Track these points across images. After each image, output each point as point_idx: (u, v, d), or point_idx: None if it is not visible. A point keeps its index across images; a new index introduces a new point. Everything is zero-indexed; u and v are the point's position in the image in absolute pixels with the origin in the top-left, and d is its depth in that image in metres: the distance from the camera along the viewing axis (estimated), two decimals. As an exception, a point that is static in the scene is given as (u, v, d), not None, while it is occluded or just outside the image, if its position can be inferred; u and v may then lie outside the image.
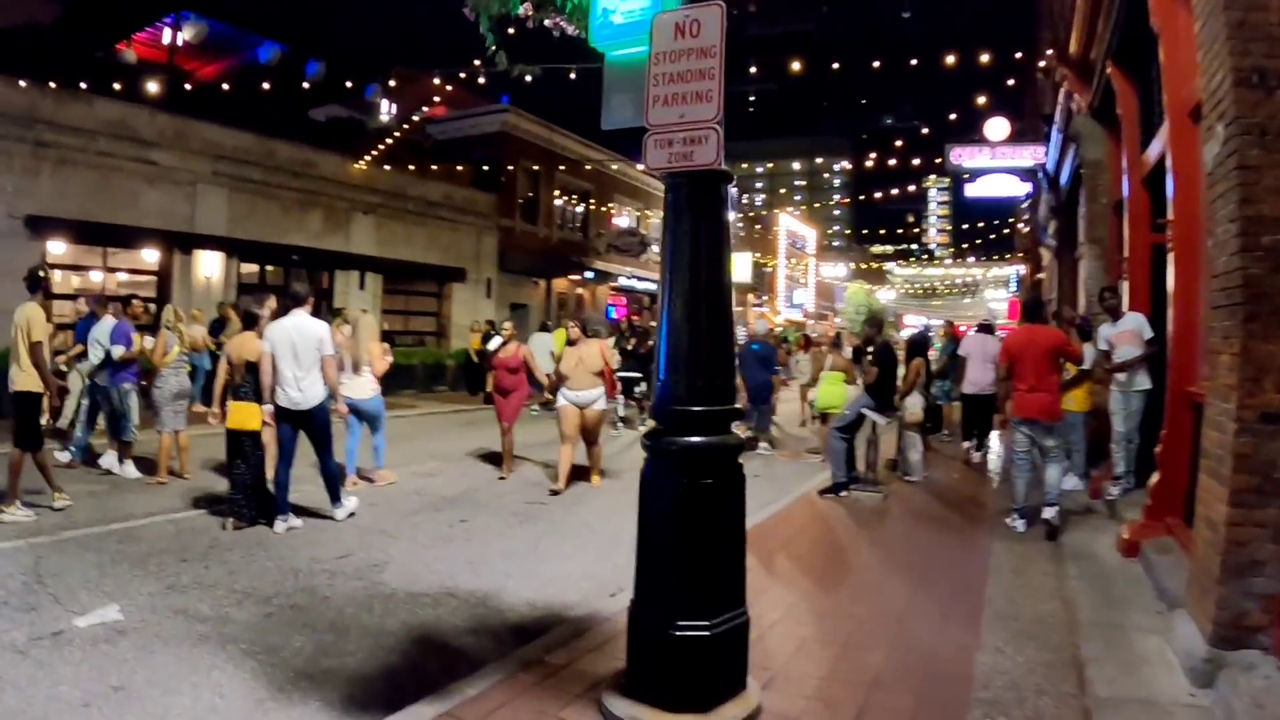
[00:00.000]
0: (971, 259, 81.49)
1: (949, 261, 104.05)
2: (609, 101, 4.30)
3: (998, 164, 21.24)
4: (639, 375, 15.12)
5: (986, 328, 13.88)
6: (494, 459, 11.71)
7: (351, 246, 23.93)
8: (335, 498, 8.23)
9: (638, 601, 3.93)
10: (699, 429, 3.78)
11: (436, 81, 26.36)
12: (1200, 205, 6.63)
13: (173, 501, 8.68)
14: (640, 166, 25.11)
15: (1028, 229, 34.83)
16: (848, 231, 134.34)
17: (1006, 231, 42.40)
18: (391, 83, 29.84)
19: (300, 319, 8.01)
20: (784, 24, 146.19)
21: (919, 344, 11.89)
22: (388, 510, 8.68)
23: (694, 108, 3.83)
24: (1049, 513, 8.20)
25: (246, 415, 7.92)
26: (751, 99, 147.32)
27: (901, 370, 10.96)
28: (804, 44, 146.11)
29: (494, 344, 10.14)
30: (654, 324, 14.17)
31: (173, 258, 19.52)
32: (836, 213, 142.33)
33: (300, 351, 7.83)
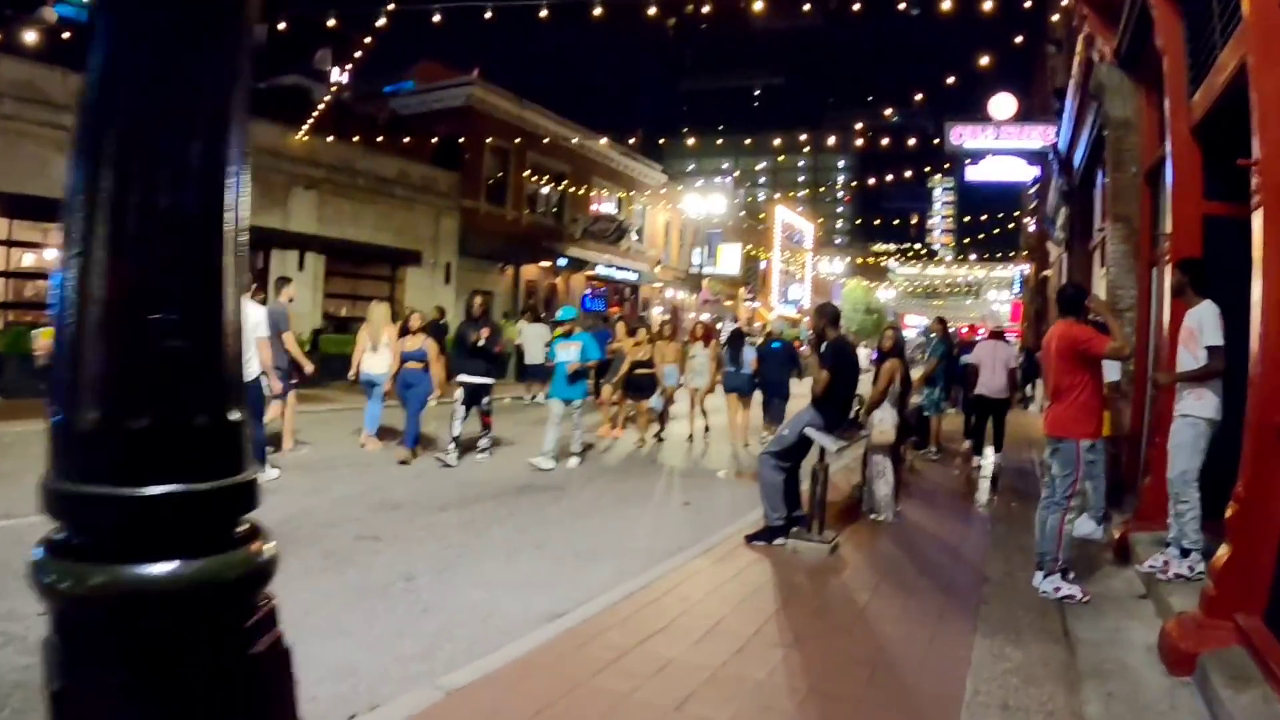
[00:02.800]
0: (973, 256, 79.45)
1: (949, 259, 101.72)
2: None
3: (1003, 145, 18.98)
4: (489, 381, 11.00)
5: (998, 334, 13.60)
6: (378, 464, 10.39)
7: (290, 224, 21.82)
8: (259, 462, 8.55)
9: None
10: (122, 543, 1.40)
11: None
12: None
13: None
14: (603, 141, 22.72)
15: (1034, 223, 32.67)
16: (840, 223, 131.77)
17: (1012, 226, 40.08)
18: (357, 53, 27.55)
19: (241, 304, 7.61)
20: (790, 19, 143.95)
21: (897, 342, 9.51)
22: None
23: None
24: (1039, 579, 5.95)
25: None
26: (756, 93, 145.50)
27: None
28: (810, 39, 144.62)
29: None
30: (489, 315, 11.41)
31: None
32: (839, 210, 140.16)
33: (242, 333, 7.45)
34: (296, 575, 5.93)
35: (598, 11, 15.85)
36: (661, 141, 41.54)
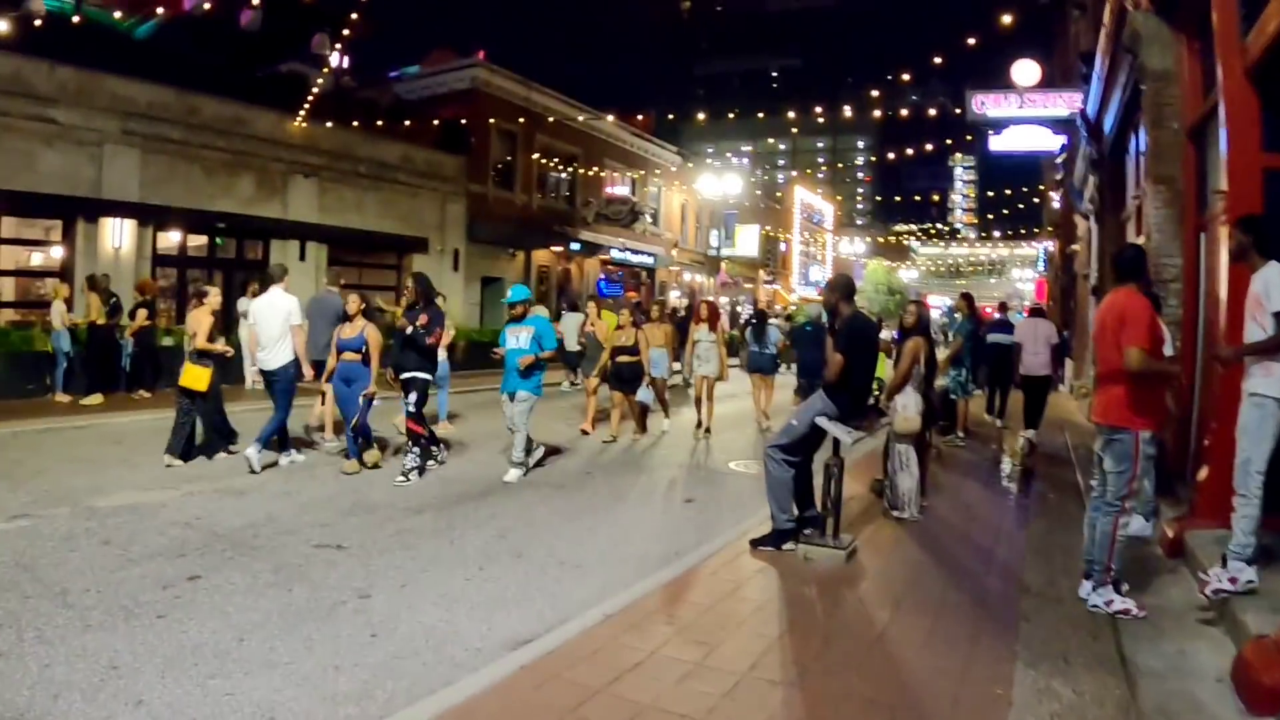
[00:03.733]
0: (997, 233, 78.35)
1: (973, 238, 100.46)
2: None
3: (1027, 113, 18.07)
4: (426, 377, 9.09)
5: (1038, 311, 13.93)
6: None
7: (289, 213, 21.21)
8: (261, 440, 8.89)
9: None
10: None
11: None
12: None
13: None
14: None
15: (1059, 197, 31.68)
16: (860, 204, 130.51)
17: (1037, 201, 39.00)
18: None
19: (274, 295, 9.22)
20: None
21: (920, 318, 8.53)
22: (118, 550, 6.07)
23: None
24: (1087, 590, 5.21)
25: (193, 377, 9.07)
26: (774, 74, 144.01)
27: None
28: (826, 18, 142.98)
29: None
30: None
31: (76, 227, 17.05)
32: (860, 191, 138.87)
33: (274, 321, 9.03)
34: (239, 592, 5.29)
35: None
36: (671, 117, 40.59)
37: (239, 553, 6.11)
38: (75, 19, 19.06)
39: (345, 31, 19.62)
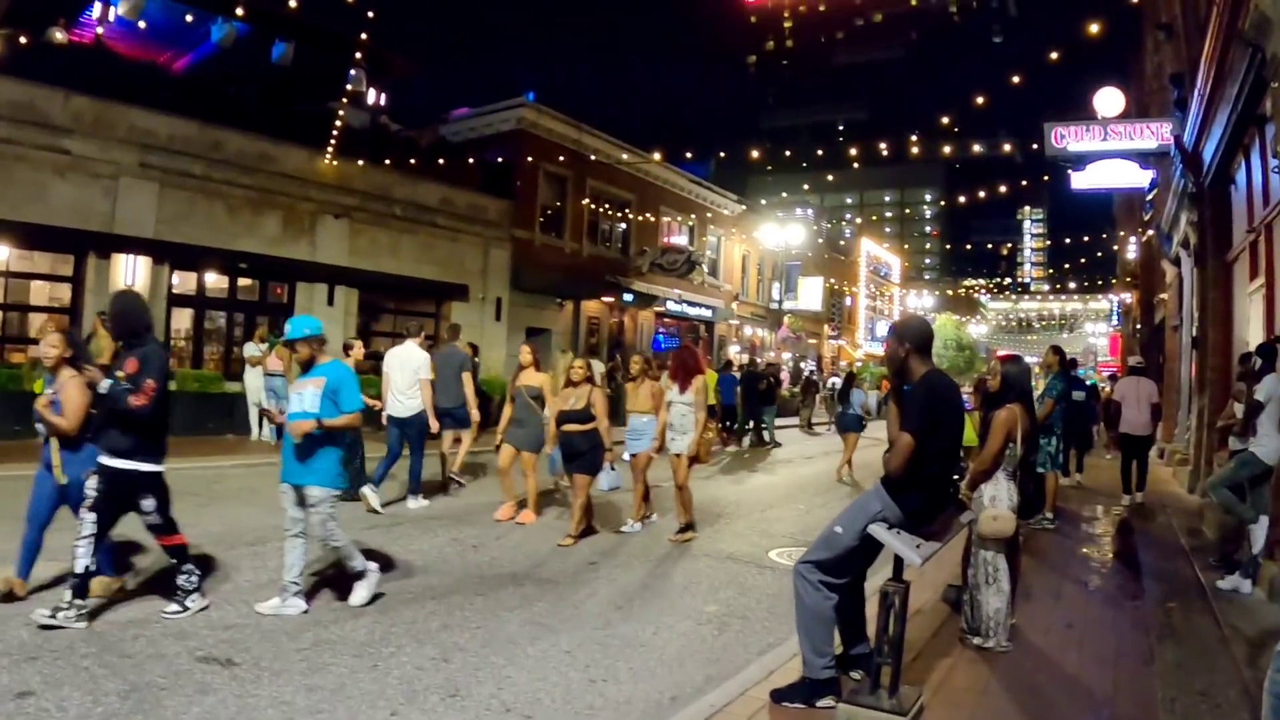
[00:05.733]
0: (1073, 285, 75.77)
1: (1046, 290, 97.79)
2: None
3: (1112, 147, 16.44)
4: (150, 470, 5.53)
5: (1139, 370, 13.42)
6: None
7: (318, 255, 20.17)
8: (414, 491, 10.00)
9: None
10: None
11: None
12: None
13: None
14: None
15: (1136, 245, 29.64)
16: (928, 258, 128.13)
17: (1115, 248, 36.87)
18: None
19: (408, 347, 10.23)
20: (872, 52, 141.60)
21: (1014, 380, 6.05)
22: None
23: None
24: None
25: None
26: (840, 127, 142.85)
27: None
28: (893, 70, 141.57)
29: None
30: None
31: (87, 262, 16.24)
32: (928, 245, 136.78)
33: (405, 373, 9.94)
34: None
35: (680, 56, 14.09)
36: (723, 155, 39.29)
37: (100, 660, 4.66)
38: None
39: (369, 61, 18.47)
